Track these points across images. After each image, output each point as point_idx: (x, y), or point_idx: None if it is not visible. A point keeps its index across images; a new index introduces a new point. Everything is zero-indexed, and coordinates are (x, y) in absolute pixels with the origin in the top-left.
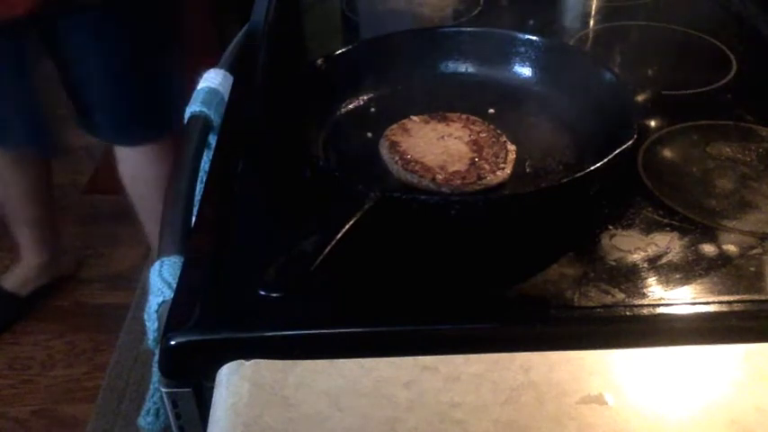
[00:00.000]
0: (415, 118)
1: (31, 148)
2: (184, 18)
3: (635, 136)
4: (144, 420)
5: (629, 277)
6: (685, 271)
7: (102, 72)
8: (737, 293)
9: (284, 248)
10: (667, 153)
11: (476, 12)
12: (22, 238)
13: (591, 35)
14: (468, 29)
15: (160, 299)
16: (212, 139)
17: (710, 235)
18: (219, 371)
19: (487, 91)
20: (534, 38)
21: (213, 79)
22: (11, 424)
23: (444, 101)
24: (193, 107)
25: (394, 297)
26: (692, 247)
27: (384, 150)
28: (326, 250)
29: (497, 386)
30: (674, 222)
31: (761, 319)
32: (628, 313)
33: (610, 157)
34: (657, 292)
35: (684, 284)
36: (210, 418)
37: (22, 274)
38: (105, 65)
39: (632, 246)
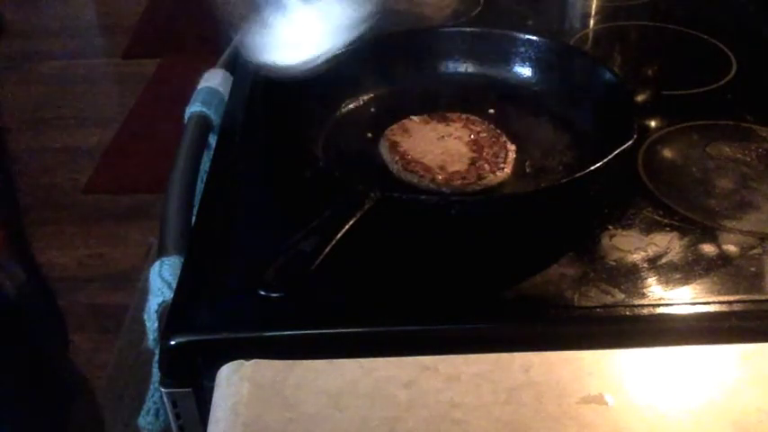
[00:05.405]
0: (415, 118)
1: None
2: None
3: (635, 136)
4: (144, 420)
5: (629, 277)
6: (685, 271)
7: None
8: (737, 293)
9: (284, 248)
10: (667, 153)
11: (476, 12)
12: None
13: (591, 35)
14: (468, 29)
15: (160, 299)
16: (212, 139)
17: (710, 235)
18: (219, 371)
19: (487, 91)
20: (534, 38)
21: (213, 79)
22: None
23: (444, 101)
24: (193, 107)
25: (394, 297)
26: (692, 247)
27: (384, 150)
28: (326, 250)
29: (497, 386)
30: (674, 222)
31: (761, 319)
32: (628, 313)
33: (610, 157)
34: (657, 292)
35: (684, 284)
36: (210, 418)
37: None
38: None
39: (632, 246)
